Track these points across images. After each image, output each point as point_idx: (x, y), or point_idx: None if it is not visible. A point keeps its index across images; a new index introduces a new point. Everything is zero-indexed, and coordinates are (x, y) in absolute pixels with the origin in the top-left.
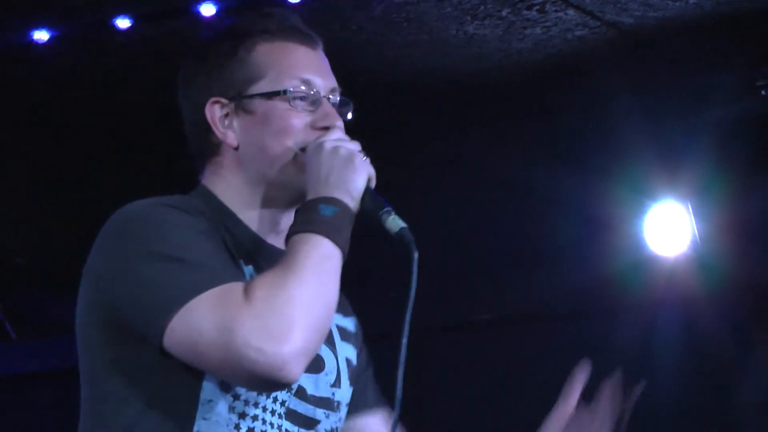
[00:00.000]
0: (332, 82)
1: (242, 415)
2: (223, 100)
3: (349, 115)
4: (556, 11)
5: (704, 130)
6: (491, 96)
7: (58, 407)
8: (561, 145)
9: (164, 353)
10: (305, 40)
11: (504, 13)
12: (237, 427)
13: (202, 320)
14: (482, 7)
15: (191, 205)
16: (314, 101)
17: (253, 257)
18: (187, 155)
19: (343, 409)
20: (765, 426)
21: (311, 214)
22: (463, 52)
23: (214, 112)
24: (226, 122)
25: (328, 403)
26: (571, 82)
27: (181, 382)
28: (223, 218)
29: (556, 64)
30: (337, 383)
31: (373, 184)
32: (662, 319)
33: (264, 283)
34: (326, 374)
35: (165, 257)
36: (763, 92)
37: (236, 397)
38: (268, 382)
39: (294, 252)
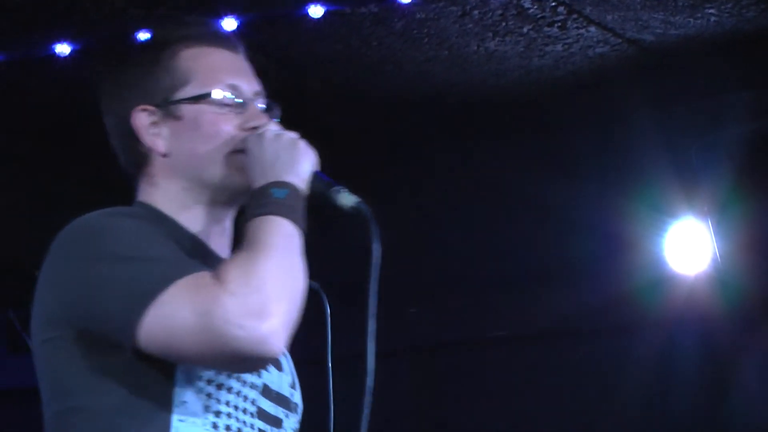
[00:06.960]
0: (256, 86)
1: (217, 414)
2: (150, 108)
3: (276, 119)
4: (577, 28)
5: (724, 147)
6: (510, 112)
7: None
8: (581, 161)
9: (137, 355)
10: (226, 44)
11: (525, 29)
12: (215, 426)
13: (177, 308)
14: (504, 24)
15: (137, 212)
16: (240, 104)
17: (200, 259)
18: None
19: (299, 413)
20: None
21: (264, 198)
22: (483, 68)
23: (141, 120)
24: (154, 130)
25: (287, 403)
26: (591, 99)
27: (153, 385)
28: (164, 225)
29: (576, 81)
30: (294, 385)
31: (317, 167)
32: (681, 337)
33: (234, 265)
34: (285, 374)
35: (128, 258)
36: None
37: (209, 396)
38: (252, 359)
39: (256, 233)
